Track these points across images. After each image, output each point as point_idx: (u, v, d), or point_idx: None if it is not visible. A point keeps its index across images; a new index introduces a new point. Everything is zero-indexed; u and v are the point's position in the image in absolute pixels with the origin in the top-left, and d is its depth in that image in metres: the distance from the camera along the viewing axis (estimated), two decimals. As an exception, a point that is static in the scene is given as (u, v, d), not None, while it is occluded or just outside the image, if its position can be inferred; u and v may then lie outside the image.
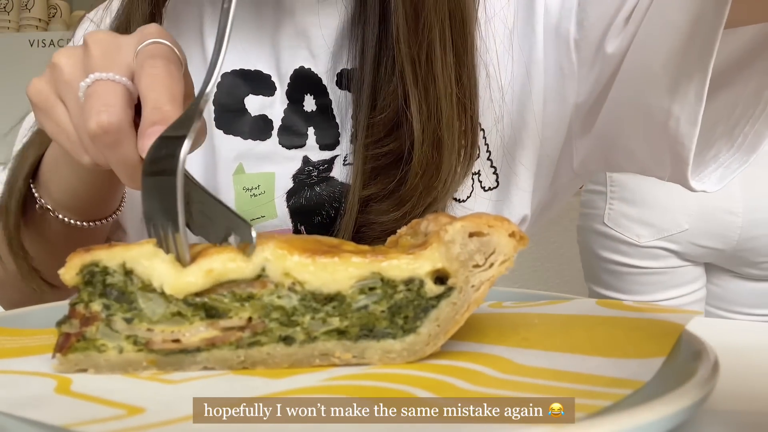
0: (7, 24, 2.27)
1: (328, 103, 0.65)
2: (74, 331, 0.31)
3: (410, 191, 0.58)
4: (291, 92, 0.66)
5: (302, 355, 0.32)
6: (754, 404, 0.30)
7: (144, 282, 0.30)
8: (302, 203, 0.63)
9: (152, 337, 0.30)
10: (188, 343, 0.31)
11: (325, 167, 0.64)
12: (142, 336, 0.30)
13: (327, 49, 0.65)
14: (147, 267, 0.30)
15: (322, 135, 0.65)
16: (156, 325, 0.30)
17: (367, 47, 0.61)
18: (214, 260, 0.30)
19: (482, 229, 0.32)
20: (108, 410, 0.25)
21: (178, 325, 0.31)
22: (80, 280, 0.31)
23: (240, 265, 0.30)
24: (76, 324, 0.31)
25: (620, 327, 0.35)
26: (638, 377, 0.27)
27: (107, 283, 0.30)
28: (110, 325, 0.30)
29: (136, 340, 0.31)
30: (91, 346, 0.31)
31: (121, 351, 0.31)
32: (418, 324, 0.32)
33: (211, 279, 0.30)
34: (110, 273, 0.30)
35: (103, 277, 0.31)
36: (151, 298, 0.30)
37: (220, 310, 0.31)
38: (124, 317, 0.30)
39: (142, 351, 0.31)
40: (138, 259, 0.30)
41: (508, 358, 0.32)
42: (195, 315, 0.31)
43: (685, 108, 0.52)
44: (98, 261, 0.30)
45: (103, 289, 0.31)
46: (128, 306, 0.30)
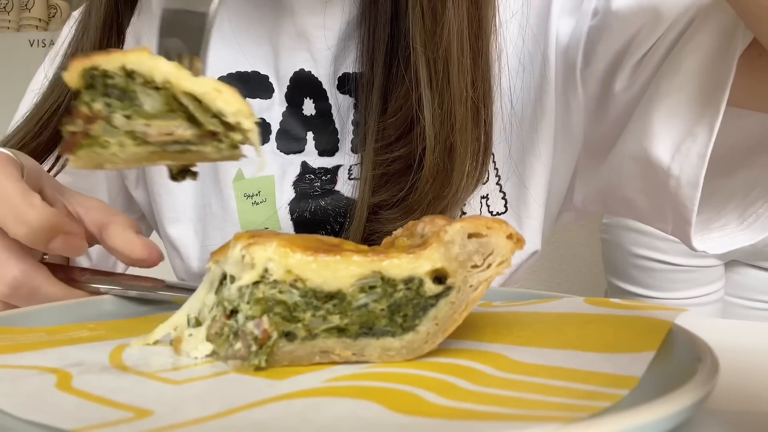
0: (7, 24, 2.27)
1: (328, 107, 0.64)
2: (79, 130, 0.32)
3: (420, 199, 0.56)
4: (290, 95, 0.65)
5: (303, 352, 0.32)
6: (754, 404, 0.30)
7: (146, 78, 0.32)
8: (306, 217, 0.62)
9: (148, 131, 0.32)
10: (179, 137, 0.32)
11: (327, 178, 0.63)
12: (140, 131, 0.32)
13: (328, 51, 0.64)
14: (151, 66, 0.32)
15: (321, 140, 0.64)
16: (152, 120, 0.32)
17: (377, 48, 0.59)
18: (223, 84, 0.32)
19: (481, 230, 0.33)
20: (115, 412, 0.25)
21: (171, 120, 0.32)
22: (82, 83, 0.32)
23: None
24: (81, 123, 0.32)
25: (610, 324, 0.36)
26: (631, 372, 0.28)
27: (108, 84, 0.32)
28: (111, 122, 0.32)
29: (135, 135, 0.32)
30: (95, 143, 0.32)
31: (122, 146, 0.32)
32: (417, 322, 0.32)
33: (211, 91, 0.32)
34: (110, 76, 0.32)
35: (103, 79, 0.32)
36: (150, 94, 0.32)
37: (195, 117, 0.32)
38: (124, 114, 0.32)
39: (140, 145, 0.32)
40: (142, 60, 0.32)
41: (504, 355, 0.32)
42: (181, 110, 0.32)
43: (686, 169, 0.51)
44: (98, 65, 0.32)
45: (104, 90, 0.32)
46: (129, 103, 0.32)
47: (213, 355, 0.33)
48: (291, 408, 0.26)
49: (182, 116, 0.32)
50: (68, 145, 0.32)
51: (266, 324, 0.32)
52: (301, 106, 0.65)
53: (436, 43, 0.55)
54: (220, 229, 0.64)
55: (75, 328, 0.39)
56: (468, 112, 0.57)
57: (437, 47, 0.55)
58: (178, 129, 0.32)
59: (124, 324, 0.42)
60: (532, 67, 0.62)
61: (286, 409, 0.26)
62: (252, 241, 0.32)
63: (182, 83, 0.31)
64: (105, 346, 0.35)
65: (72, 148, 0.32)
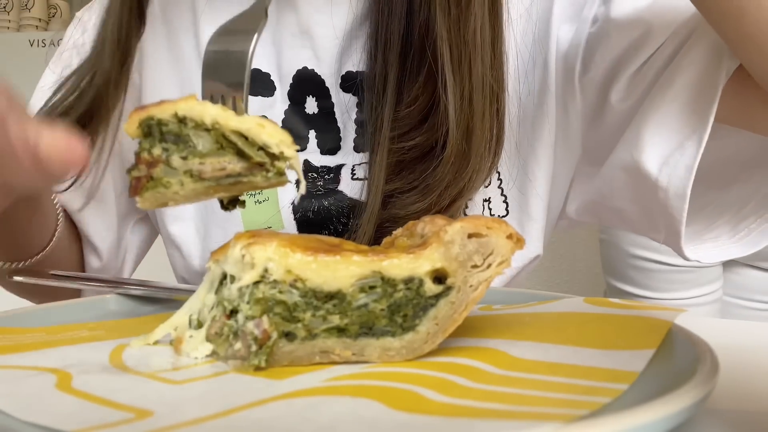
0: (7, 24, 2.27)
1: (331, 105, 0.64)
2: (143, 174, 0.36)
3: (438, 181, 0.57)
4: (293, 93, 0.65)
5: (303, 352, 0.32)
6: (754, 404, 0.30)
7: (197, 122, 0.35)
8: (310, 216, 0.62)
9: (203, 168, 0.35)
10: (231, 170, 0.35)
11: (330, 177, 0.63)
12: (196, 169, 0.35)
13: (332, 49, 0.64)
14: (200, 111, 0.35)
15: (324, 139, 0.64)
16: (206, 158, 0.35)
17: (392, 42, 0.59)
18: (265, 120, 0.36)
19: (481, 230, 0.33)
20: (116, 413, 0.25)
21: (223, 156, 0.35)
22: (141, 133, 0.36)
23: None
24: (144, 168, 0.36)
25: (610, 323, 0.36)
26: (631, 368, 0.28)
27: (164, 131, 0.35)
28: (170, 164, 0.35)
29: (192, 173, 0.35)
30: (159, 184, 0.36)
31: (182, 184, 0.35)
32: (417, 322, 0.32)
33: (255, 126, 0.35)
34: (165, 123, 0.35)
35: (159, 127, 0.35)
36: (202, 135, 0.35)
37: (243, 151, 0.35)
38: (180, 156, 0.35)
39: (198, 182, 0.35)
40: (191, 107, 0.35)
41: (504, 352, 0.32)
42: (230, 147, 0.35)
43: (673, 181, 0.51)
44: (153, 115, 0.35)
45: (161, 136, 0.35)
46: (183, 146, 0.35)
47: (213, 355, 0.34)
48: (291, 407, 0.26)
49: (231, 152, 0.35)
50: (135, 189, 0.36)
51: (266, 324, 0.32)
52: (303, 105, 0.65)
53: (462, 29, 0.57)
54: (222, 227, 0.64)
55: (75, 328, 0.39)
56: (486, 98, 0.58)
57: (463, 33, 0.57)
58: (229, 164, 0.35)
59: (125, 324, 0.42)
60: (534, 72, 0.62)
61: (286, 409, 0.26)
62: (252, 241, 0.32)
63: (229, 123, 0.35)
64: (105, 346, 0.35)
65: (139, 191, 0.36)
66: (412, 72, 0.59)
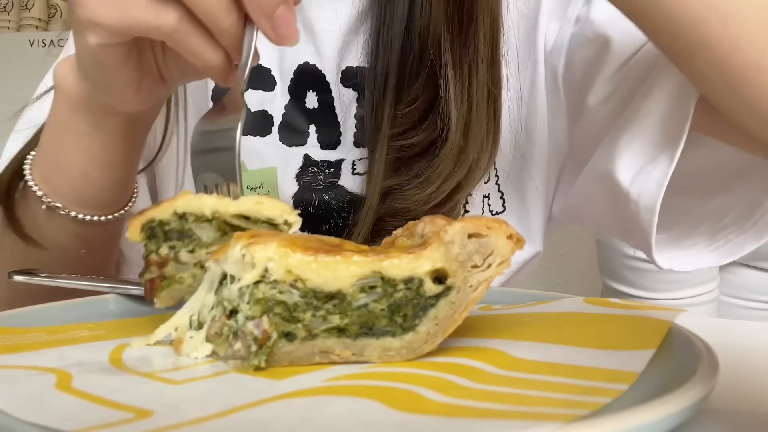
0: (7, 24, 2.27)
1: (331, 100, 0.65)
2: (156, 276, 0.37)
3: (437, 175, 0.59)
4: (293, 88, 0.65)
5: (302, 352, 0.32)
6: (754, 404, 0.30)
7: (197, 215, 0.36)
8: (310, 211, 0.63)
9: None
10: None
11: (331, 172, 0.64)
12: (205, 259, 0.36)
13: (333, 45, 0.64)
14: (198, 204, 0.36)
15: (324, 133, 0.65)
16: (211, 247, 0.36)
17: (392, 41, 0.60)
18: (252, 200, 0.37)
19: (481, 230, 0.33)
20: (115, 413, 0.25)
21: (228, 241, 0.36)
22: (144, 237, 0.36)
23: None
24: (155, 270, 0.37)
25: (609, 323, 0.36)
26: (631, 368, 0.28)
27: (166, 230, 0.36)
28: (179, 261, 0.36)
29: (202, 264, 0.36)
30: (172, 281, 0.37)
31: (194, 277, 0.37)
32: (417, 322, 0.32)
33: (254, 206, 0.37)
34: (166, 222, 0.36)
35: (161, 227, 0.36)
36: (203, 226, 0.36)
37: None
38: (187, 250, 0.36)
39: None
40: (188, 202, 0.36)
41: (504, 352, 0.32)
42: (233, 230, 0.36)
43: (643, 194, 0.51)
44: (153, 217, 0.36)
45: (165, 236, 0.36)
46: (188, 240, 0.37)
47: (213, 355, 0.34)
48: (291, 407, 0.26)
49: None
50: (150, 292, 0.37)
51: (266, 324, 0.32)
52: (303, 99, 0.65)
53: (465, 29, 0.58)
54: None
55: (75, 328, 0.39)
56: (484, 96, 0.59)
57: (465, 35, 0.58)
58: None
59: (125, 324, 0.42)
60: (526, 69, 0.63)
61: (286, 409, 0.26)
62: (252, 241, 0.32)
63: (228, 209, 0.36)
64: (105, 346, 0.35)
65: (154, 292, 0.37)
66: (412, 72, 0.59)
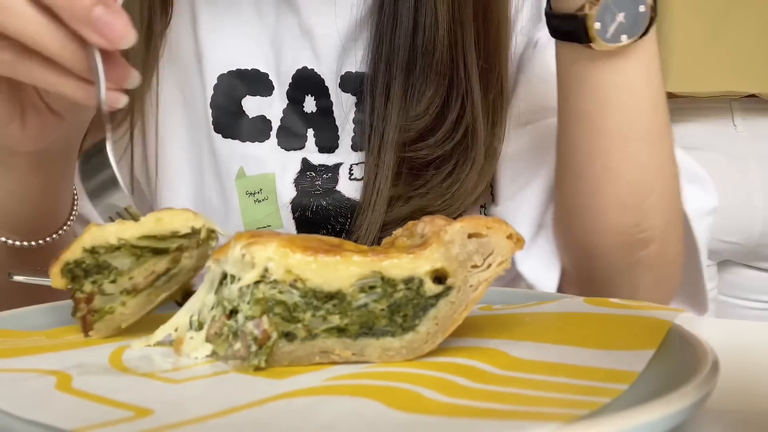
0: (6, 24, 2.27)
1: (330, 105, 0.65)
2: (86, 312, 0.37)
3: (462, 191, 0.61)
4: (291, 92, 0.65)
5: (303, 352, 0.32)
6: (754, 404, 0.30)
7: (105, 247, 0.37)
8: (308, 216, 0.63)
9: (135, 282, 0.37)
10: (159, 270, 0.37)
11: (329, 177, 0.64)
12: (128, 285, 0.37)
13: (332, 50, 0.64)
14: (102, 236, 0.37)
15: (322, 137, 0.65)
16: (131, 272, 0.37)
17: (397, 51, 0.61)
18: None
19: (481, 230, 0.33)
20: (115, 411, 0.25)
21: (145, 263, 0.37)
22: (67, 280, 0.37)
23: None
24: (84, 307, 0.37)
25: (610, 323, 0.36)
26: (631, 368, 0.28)
27: (84, 268, 0.37)
28: (104, 293, 0.37)
29: (128, 291, 0.37)
30: (103, 313, 0.37)
31: (124, 304, 0.37)
32: (417, 322, 0.32)
33: (153, 223, 0.37)
34: (81, 261, 0.37)
35: (79, 267, 0.37)
36: (116, 255, 0.37)
37: (160, 248, 0.37)
38: (109, 281, 0.37)
39: (136, 296, 0.37)
40: (93, 235, 0.37)
41: (504, 352, 0.32)
42: (146, 251, 0.37)
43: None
44: (67, 260, 0.37)
45: (84, 274, 0.37)
46: (107, 272, 0.37)
47: (213, 355, 0.34)
48: (291, 407, 0.26)
49: (150, 255, 0.37)
50: (85, 327, 0.37)
51: (266, 324, 0.32)
52: (301, 104, 0.65)
53: (489, 35, 0.61)
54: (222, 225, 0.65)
55: (75, 330, 0.39)
56: (500, 106, 0.63)
57: (482, 39, 0.60)
58: (155, 266, 0.37)
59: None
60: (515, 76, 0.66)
61: (286, 408, 0.26)
62: (252, 241, 0.32)
63: (132, 234, 0.37)
64: (105, 347, 0.35)
65: (89, 327, 0.37)
66: (415, 83, 0.61)
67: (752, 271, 1.17)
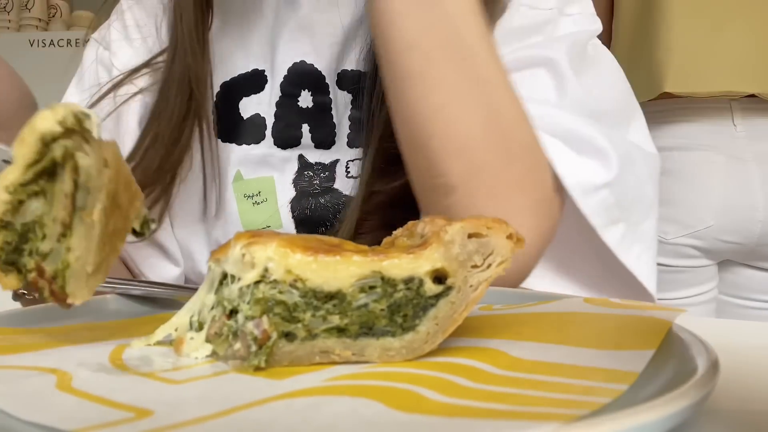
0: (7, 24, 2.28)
1: (328, 101, 0.65)
2: (48, 287, 0.34)
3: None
4: (286, 86, 0.65)
5: (303, 352, 0.32)
6: (754, 404, 0.30)
7: (5, 206, 0.33)
8: (307, 214, 0.63)
9: (60, 219, 0.34)
10: (69, 189, 0.34)
11: (326, 175, 0.64)
12: (58, 228, 0.34)
13: (331, 47, 0.65)
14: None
15: (318, 132, 0.65)
16: (49, 213, 0.34)
17: None
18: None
19: (481, 230, 0.33)
20: (115, 412, 0.25)
21: (51, 193, 0.34)
22: (15, 277, 0.35)
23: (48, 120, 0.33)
24: (43, 283, 0.34)
25: (609, 323, 0.36)
26: (631, 368, 0.28)
27: (14, 247, 0.34)
28: (47, 257, 0.34)
29: (62, 234, 0.34)
30: (62, 272, 0.34)
31: (69, 249, 0.34)
32: (417, 322, 0.32)
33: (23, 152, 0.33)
34: (7, 243, 0.34)
35: (8, 246, 0.34)
36: (23, 208, 0.34)
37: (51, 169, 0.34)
38: (40, 240, 0.34)
39: (72, 232, 0.34)
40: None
41: (504, 352, 0.32)
42: (42, 182, 0.34)
43: None
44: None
45: (17, 252, 0.34)
46: (32, 234, 0.34)
47: (213, 355, 0.34)
48: (291, 407, 0.26)
49: (47, 182, 0.34)
50: (58, 301, 0.34)
51: (266, 324, 0.32)
52: (296, 98, 0.65)
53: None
54: (222, 229, 0.65)
55: (75, 329, 0.39)
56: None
57: None
58: (62, 188, 0.34)
59: (125, 324, 0.42)
60: None
61: (286, 408, 0.26)
62: (252, 241, 0.32)
63: (12, 176, 0.33)
64: (105, 346, 0.35)
65: (62, 300, 0.34)
66: None
67: (752, 270, 1.17)
